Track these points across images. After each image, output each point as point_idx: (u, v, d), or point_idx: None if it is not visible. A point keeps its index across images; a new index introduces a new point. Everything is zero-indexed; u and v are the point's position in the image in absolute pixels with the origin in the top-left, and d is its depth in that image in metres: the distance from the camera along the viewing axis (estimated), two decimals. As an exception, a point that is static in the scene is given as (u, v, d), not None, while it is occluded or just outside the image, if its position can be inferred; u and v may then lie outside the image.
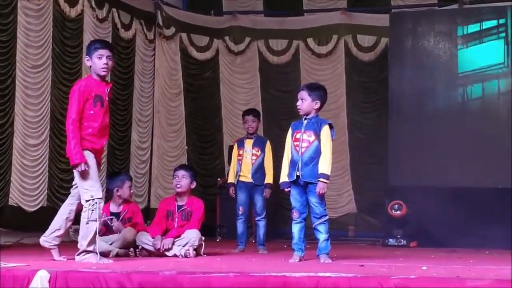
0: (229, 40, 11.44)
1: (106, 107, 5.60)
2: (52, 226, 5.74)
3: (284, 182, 6.01)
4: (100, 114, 5.54)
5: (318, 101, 6.00)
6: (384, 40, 10.71)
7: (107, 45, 5.72)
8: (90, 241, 5.49)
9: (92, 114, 5.51)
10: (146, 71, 10.73)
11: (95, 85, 5.58)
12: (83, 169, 5.44)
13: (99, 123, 5.53)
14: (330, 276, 4.28)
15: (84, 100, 5.49)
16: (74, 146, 5.44)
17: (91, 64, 5.62)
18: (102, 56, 5.57)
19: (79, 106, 5.47)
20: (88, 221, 5.47)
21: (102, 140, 5.62)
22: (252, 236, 9.01)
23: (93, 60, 5.59)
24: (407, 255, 7.18)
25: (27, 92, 8.58)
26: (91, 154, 5.53)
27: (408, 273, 4.48)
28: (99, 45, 5.67)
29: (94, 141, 5.54)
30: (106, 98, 5.60)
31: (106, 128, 5.68)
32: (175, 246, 6.44)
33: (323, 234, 5.90)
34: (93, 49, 5.62)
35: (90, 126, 5.51)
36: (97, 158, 5.62)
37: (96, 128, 5.53)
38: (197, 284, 4.36)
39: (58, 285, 4.45)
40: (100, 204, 5.50)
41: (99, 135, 5.56)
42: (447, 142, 9.59)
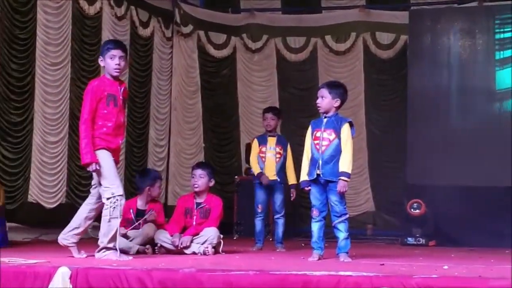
0: (246, 38, 11.43)
1: (120, 106, 5.63)
2: (70, 224, 5.77)
3: (304, 181, 6.00)
4: (114, 113, 5.57)
5: (338, 99, 5.99)
6: (403, 37, 10.67)
7: (120, 46, 5.74)
8: (111, 238, 5.52)
9: (105, 113, 5.55)
10: (163, 68, 10.75)
11: (108, 84, 5.62)
12: (93, 168, 5.51)
13: (113, 122, 5.57)
14: (351, 275, 4.27)
15: (97, 99, 5.54)
16: (85, 146, 5.49)
17: (104, 64, 5.67)
18: (115, 57, 5.62)
19: (92, 106, 5.53)
20: (110, 219, 5.50)
21: (117, 139, 5.64)
22: (270, 234, 9.01)
23: (106, 60, 5.64)
24: (426, 254, 7.16)
25: (46, 90, 8.62)
26: (107, 152, 5.56)
27: (429, 273, 4.46)
28: (112, 45, 5.72)
29: (109, 140, 5.58)
30: (120, 97, 5.63)
31: (121, 127, 5.70)
32: (193, 244, 6.45)
33: (343, 232, 5.89)
34: (106, 49, 5.67)
35: (104, 125, 5.55)
36: (114, 156, 5.64)
37: (111, 127, 5.57)
38: (216, 282, 4.36)
39: (79, 282, 4.48)
40: (122, 201, 5.52)
41: (114, 134, 5.60)
42: (466, 140, 9.53)
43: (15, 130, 8.28)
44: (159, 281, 4.41)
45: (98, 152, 5.54)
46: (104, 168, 5.53)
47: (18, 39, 8.27)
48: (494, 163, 9.29)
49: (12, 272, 4.60)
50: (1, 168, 8.05)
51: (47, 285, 4.50)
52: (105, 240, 5.53)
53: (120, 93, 5.64)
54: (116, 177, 5.57)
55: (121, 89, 5.66)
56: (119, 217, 5.51)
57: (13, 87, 8.24)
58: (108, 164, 5.54)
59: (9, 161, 8.19)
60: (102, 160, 5.54)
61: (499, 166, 9.25)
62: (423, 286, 4.06)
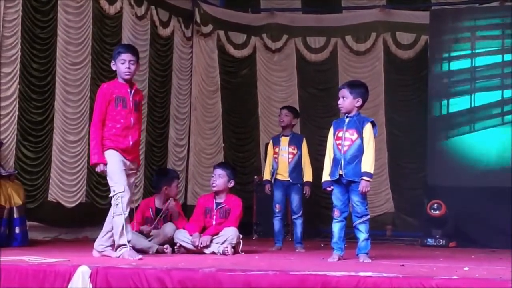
0: (266, 38, 11.43)
1: (130, 108, 5.75)
2: (103, 230, 5.89)
3: (327, 181, 5.98)
4: (122, 115, 5.71)
5: (360, 99, 5.96)
6: (423, 37, 10.62)
7: (130, 50, 5.88)
8: (119, 234, 5.60)
9: (114, 115, 5.71)
10: (183, 68, 10.77)
11: (117, 87, 5.78)
12: (101, 169, 5.68)
13: (122, 124, 5.70)
14: (371, 275, 4.26)
15: (106, 102, 5.71)
16: (93, 147, 5.69)
17: (115, 68, 5.82)
18: (125, 61, 5.77)
19: (101, 109, 5.72)
20: (114, 216, 5.63)
21: (126, 140, 5.74)
22: (289, 235, 8.99)
23: (117, 64, 5.80)
24: (446, 255, 7.12)
25: (66, 89, 8.67)
26: (115, 152, 5.69)
27: (450, 274, 4.44)
28: (122, 49, 5.88)
29: (119, 140, 5.70)
30: (130, 99, 5.75)
31: (130, 128, 5.77)
32: (213, 243, 6.46)
33: (364, 233, 5.87)
34: (116, 53, 5.84)
35: (113, 127, 5.70)
36: (126, 156, 5.75)
37: (119, 129, 5.71)
38: (236, 282, 4.37)
39: (99, 281, 4.50)
40: (124, 198, 5.60)
41: (123, 134, 5.72)
42: (487, 140, 9.47)
43: (36, 130, 8.33)
44: (179, 281, 4.42)
45: (106, 153, 5.70)
46: (109, 168, 5.68)
47: (39, 39, 8.32)
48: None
49: (32, 271, 4.63)
50: (22, 167, 8.10)
51: (67, 284, 4.52)
52: (117, 238, 5.64)
53: (130, 95, 5.76)
54: (120, 175, 5.67)
55: (131, 92, 5.78)
56: (123, 213, 5.59)
57: (34, 86, 8.29)
58: (113, 163, 5.67)
59: (30, 160, 8.25)
60: (108, 160, 5.69)
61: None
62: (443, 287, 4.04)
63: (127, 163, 5.76)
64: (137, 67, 5.86)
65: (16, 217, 7.14)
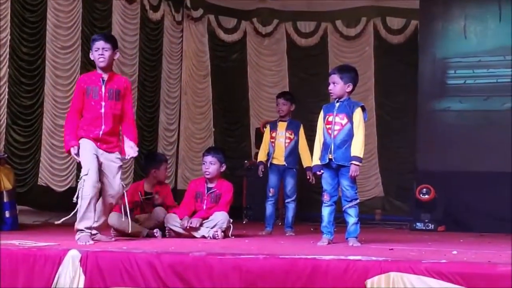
0: (257, 22, 11.41)
1: (100, 98, 5.64)
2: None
3: (317, 165, 5.98)
4: (92, 105, 5.63)
5: (350, 84, 5.95)
6: (413, 22, 10.63)
7: (103, 37, 5.78)
8: (79, 219, 5.51)
9: (86, 105, 5.67)
10: (174, 53, 10.73)
11: (91, 77, 5.74)
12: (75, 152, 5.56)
13: (92, 114, 5.62)
14: (360, 259, 4.27)
15: (80, 93, 5.69)
16: (67, 134, 5.66)
17: (93, 58, 5.75)
18: (98, 49, 5.69)
19: (75, 99, 5.73)
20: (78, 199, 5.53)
21: (97, 129, 5.62)
22: (279, 219, 9.00)
23: (93, 53, 5.74)
24: (435, 239, 7.14)
25: (56, 73, 8.63)
26: (87, 140, 5.61)
27: (438, 258, 4.45)
28: (96, 37, 5.81)
29: (90, 129, 5.62)
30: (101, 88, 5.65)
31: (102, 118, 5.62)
32: (203, 227, 6.46)
33: (353, 217, 5.88)
34: (91, 42, 5.77)
35: (85, 117, 5.67)
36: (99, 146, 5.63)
37: (89, 118, 5.64)
38: (226, 265, 4.37)
39: (89, 265, 4.50)
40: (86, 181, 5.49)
41: (94, 124, 5.63)
42: (478, 124, 9.50)
43: (26, 114, 8.30)
44: (169, 265, 4.42)
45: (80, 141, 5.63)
46: (80, 154, 5.61)
47: (28, 22, 8.27)
48: (506, 148, 9.25)
49: (22, 255, 4.62)
50: (12, 152, 8.07)
51: (57, 267, 4.52)
52: (77, 221, 5.54)
53: (103, 84, 5.66)
54: (87, 160, 5.56)
55: (104, 81, 5.66)
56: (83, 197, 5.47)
57: (24, 70, 8.25)
58: (83, 149, 5.60)
59: (20, 144, 8.21)
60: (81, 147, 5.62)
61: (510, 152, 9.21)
62: (432, 271, 4.05)
63: (99, 151, 5.64)
64: (113, 54, 5.72)
65: (6, 201, 7.12)
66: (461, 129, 9.60)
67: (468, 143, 9.48)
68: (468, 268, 4.09)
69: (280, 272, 4.28)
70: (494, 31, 9.63)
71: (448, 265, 4.14)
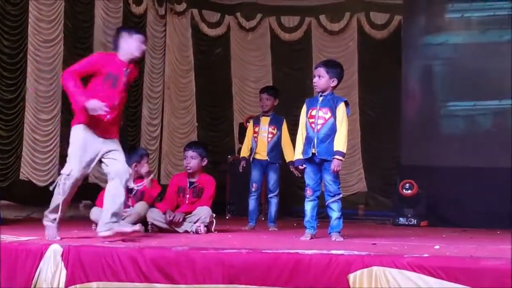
0: (240, 17, 11.39)
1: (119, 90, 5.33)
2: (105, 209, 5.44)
3: (299, 160, 6.00)
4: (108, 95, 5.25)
5: (335, 79, 5.98)
6: (397, 17, 10.64)
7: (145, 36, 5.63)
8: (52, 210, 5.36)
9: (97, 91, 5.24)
10: (157, 47, 10.69)
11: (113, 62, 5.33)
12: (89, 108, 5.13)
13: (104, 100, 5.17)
14: (343, 254, 4.29)
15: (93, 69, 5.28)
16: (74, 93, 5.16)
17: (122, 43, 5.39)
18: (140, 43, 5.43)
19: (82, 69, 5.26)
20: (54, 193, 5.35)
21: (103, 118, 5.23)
22: (262, 214, 9.01)
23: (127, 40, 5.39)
24: (418, 234, 7.17)
25: (39, 67, 8.57)
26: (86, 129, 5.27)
27: (421, 252, 4.48)
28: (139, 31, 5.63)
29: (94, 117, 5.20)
30: (122, 79, 5.35)
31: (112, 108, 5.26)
32: (186, 222, 6.46)
33: (336, 212, 5.91)
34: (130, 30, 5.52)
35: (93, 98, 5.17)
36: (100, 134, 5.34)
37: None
38: (209, 260, 4.37)
39: (71, 259, 4.49)
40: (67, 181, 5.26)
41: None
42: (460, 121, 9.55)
43: (7, 108, 8.25)
44: (151, 259, 4.42)
45: (76, 127, 5.29)
46: (70, 145, 5.31)
47: (10, 15, 8.20)
48: (489, 143, 9.30)
49: (4, 249, 4.60)
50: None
51: (39, 262, 4.50)
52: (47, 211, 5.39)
53: (124, 75, 5.36)
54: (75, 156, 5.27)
55: (126, 71, 5.37)
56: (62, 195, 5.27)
57: (5, 64, 8.19)
58: (75, 141, 5.27)
59: (1, 138, 8.17)
60: (73, 136, 5.30)
61: (493, 147, 9.26)
62: (414, 266, 4.07)
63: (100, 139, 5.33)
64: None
65: (-13, 196, 7.08)
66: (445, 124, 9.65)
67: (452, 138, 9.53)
68: (450, 263, 4.12)
69: (263, 267, 4.29)
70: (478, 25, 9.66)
71: (430, 259, 4.17)
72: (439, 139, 9.58)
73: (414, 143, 9.70)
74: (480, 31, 9.59)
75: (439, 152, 9.48)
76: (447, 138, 9.58)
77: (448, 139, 9.56)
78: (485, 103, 9.54)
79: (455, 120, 9.64)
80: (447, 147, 9.48)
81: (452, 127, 9.61)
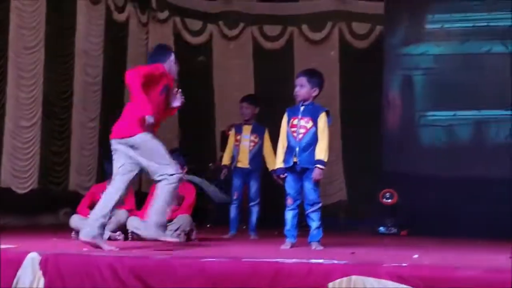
0: (222, 25, 11.40)
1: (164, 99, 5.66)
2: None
3: (280, 168, 6.01)
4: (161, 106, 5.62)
5: (317, 89, 6.01)
6: (378, 28, 10.71)
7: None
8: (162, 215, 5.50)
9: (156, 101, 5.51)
10: (139, 55, 10.66)
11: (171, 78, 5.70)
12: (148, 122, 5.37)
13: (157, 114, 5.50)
14: (322, 262, 4.30)
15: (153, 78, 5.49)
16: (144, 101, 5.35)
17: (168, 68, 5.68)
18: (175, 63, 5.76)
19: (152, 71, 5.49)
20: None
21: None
22: (243, 222, 9.00)
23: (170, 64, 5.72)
24: (398, 243, 7.21)
25: (20, 74, 8.52)
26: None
27: (399, 261, 4.49)
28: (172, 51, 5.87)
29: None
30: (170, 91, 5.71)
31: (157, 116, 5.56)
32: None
33: (316, 222, 5.92)
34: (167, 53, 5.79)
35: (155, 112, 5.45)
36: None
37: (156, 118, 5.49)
38: (190, 268, 4.36)
39: (49, 268, 4.45)
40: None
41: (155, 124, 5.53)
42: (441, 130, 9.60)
43: (-13, 115, 8.20)
44: (131, 268, 4.39)
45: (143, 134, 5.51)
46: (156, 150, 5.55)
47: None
48: (468, 153, 9.37)
49: (-19, 257, 4.56)
50: (-27, 153, 7.96)
51: (17, 270, 4.46)
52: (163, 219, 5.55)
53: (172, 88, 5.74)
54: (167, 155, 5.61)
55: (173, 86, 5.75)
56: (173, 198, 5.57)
57: (-14, 70, 8.15)
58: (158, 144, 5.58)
59: (-19, 145, 8.11)
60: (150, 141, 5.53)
61: (473, 157, 9.33)
62: (393, 275, 4.08)
63: None
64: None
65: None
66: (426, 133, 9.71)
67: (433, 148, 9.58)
68: (428, 272, 4.13)
69: (243, 276, 4.28)
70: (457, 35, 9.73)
71: (408, 268, 4.18)
72: (419, 148, 9.63)
73: (395, 153, 9.74)
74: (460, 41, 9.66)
75: (419, 161, 9.53)
76: (427, 148, 9.63)
77: (428, 148, 9.62)
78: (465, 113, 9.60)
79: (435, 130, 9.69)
80: (428, 156, 9.53)
81: (432, 137, 9.66)
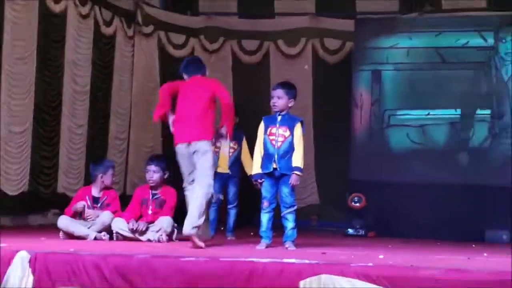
0: (204, 39, 11.40)
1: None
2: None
3: (258, 174, 6.06)
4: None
5: (293, 100, 6.17)
6: (349, 44, 10.75)
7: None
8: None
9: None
10: (125, 66, 10.63)
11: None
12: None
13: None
14: (295, 262, 4.31)
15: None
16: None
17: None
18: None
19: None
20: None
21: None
22: (221, 224, 8.99)
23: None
24: (365, 244, 7.23)
25: (12, 83, 8.45)
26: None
27: (366, 261, 4.52)
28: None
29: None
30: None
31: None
32: (149, 231, 6.43)
33: (291, 222, 5.97)
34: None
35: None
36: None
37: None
38: (170, 267, 4.36)
39: (38, 266, 4.43)
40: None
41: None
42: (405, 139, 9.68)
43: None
44: (115, 266, 4.39)
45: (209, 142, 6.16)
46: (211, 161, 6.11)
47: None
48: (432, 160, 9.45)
49: (-28, 256, 4.51)
50: (-34, 157, 7.87)
51: (7, 268, 4.43)
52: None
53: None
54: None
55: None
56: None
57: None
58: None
59: (-26, 150, 8.02)
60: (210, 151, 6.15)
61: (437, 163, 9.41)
62: (361, 274, 4.11)
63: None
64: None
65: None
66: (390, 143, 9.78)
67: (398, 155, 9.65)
68: (392, 271, 4.17)
69: (220, 274, 4.30)
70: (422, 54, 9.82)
71: (374, 268, 4.21)
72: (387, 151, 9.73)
73: (362, 158, 9.81)
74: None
75: (387, 166, 9.60)
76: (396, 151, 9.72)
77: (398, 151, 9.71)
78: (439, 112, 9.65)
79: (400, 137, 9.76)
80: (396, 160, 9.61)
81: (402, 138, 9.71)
